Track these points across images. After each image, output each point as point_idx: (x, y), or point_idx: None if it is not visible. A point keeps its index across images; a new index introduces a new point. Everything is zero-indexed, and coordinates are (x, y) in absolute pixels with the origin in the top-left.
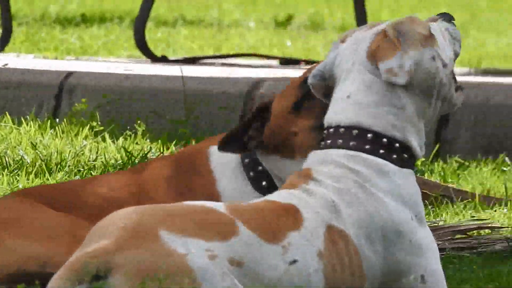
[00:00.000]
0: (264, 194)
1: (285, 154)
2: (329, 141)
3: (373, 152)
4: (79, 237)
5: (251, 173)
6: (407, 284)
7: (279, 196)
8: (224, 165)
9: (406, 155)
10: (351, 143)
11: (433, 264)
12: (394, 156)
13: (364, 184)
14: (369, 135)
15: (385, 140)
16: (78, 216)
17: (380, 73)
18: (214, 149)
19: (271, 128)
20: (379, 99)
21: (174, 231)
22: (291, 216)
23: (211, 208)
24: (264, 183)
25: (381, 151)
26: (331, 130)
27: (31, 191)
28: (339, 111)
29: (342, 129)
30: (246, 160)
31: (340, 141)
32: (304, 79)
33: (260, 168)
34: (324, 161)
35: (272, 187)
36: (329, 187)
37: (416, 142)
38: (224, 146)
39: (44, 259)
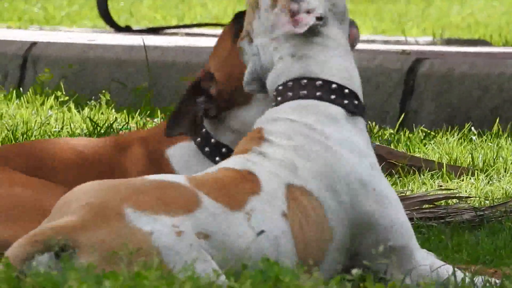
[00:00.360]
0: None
1: (240, 102)
2: (279, 98)
3: (323, 98)
4: (47, 210)
5: (206, 149)
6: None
7: (234, 162)
8: (185, 163)
9: (356, 101)
10: (301, 92)
11: (401, 216)
12: (346, 101)
13: (318, 138)
14: (318, 82)
15: (334, 85)
16: (49, 177)
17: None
18: (172, 151)
19: (221, 83)
20: (315, 46)
21: (139, 208)
22: (249, 182)
23: (173, 182)
24: (224, 149)
25: (332, 96)
26: (280, 87)
27: (4, 152)
28: (283, 70)
29: (290, 83)
30: (198, 140)
31: (290, 93)
32: (232, 22)
33: (212, 140)
34: (275, 119)
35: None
36: (283, 146)
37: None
38: (170, 131)
39: (10, 242)
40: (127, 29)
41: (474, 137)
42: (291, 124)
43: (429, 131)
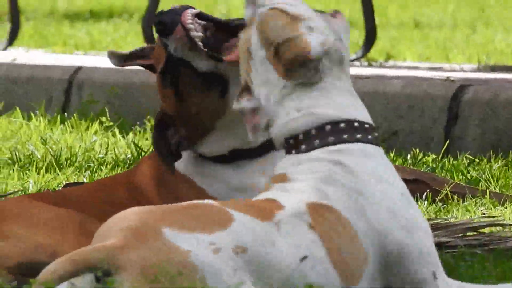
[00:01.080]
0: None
1: (206, 130)
2: (303, 147)
3: (351, 139)
4: (87, 231)
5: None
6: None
7: (256, 197)
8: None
9: (376, 133)
10: (329, 139)
11: (429, 245)
12: (370, 137)
13: (344, 170)
14: (341, 125)
15: (356, 124)
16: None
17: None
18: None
19: (179, 123)
20: (320, 87)
21: (176, 227)
22: (270, 203)
23: (203, 203)
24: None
25: (358, 135)
26: (301, 136)
27: (39, 195)
28: (298, 120)
29: (314, 131)
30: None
31: (317, 141)
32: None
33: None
34: (301, 161)
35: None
36: (307, 179)
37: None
38: (168, 165)
39: (53, 248)
40: None
41: None
42: (321, 162)
43: (473, 158)
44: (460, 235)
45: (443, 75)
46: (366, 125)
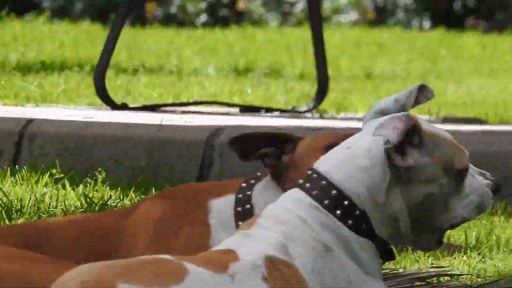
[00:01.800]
0: None
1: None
2: (301, 181)
3: (328, 208)
4: (33, 283)
5: (239, 209)
6: None
7: (219, 245)
8: (222, 219)
9: (364, 225)
10: (314, 192)
11: None
12: (350, 221)
13: (311, 232)
14: (333, 192)
15: (346, 202)
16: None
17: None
18: (215, 203)
19: (292, 159)
20: (369, 164)
21: (133, 283)
22: (227, 254)
23: (160, 258)
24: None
25: (338, 212)
26: (309, 171)
27: (6, 231)
28: (328, 158)
29: (315, 175)
30: (240, 196)
31: (308, 184)
32: (345, 136)
33: (247, 206)
34: (278, 207)
35: None
36: (272, 229)
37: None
38: (234, 144)
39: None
40: (124, 107)
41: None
42: (289, 214)
43: None
44: (408, 285)
45: None
46: (356, 212)
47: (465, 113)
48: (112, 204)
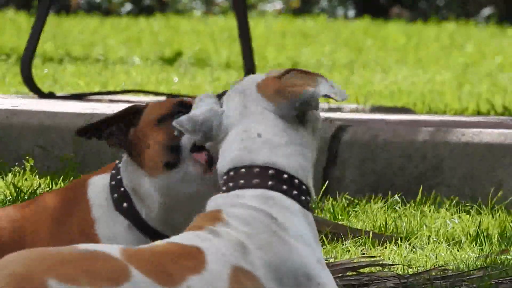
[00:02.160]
0: (125, 216)
1: (140, 165)
2: (242, 181)
3: (287, 193)
4: None
5: (115, 195)
6: None
7: (183, 238)
8: (99, 193)
9: (309, 198)
10: (269, 183)
11: None
12: (303, 198)
13: (276, 228)
14: (284, 176)
15: (297, 181)
16: None
17: (283, 111)
18: (94, 180)
19: (136, 133)
20: (288, 138)
21: (63, 280)
22: (193, 259)
23: (103, 253)
24: (125, 204)
25: (295, 192)
26: (243, 170)
27: None
28: (251, 150)
29: (257, 169)
30: (113, 183)
31: (257, 180)
32: (180, 102)
33: (122, 189)
34: (236, 203)
35: (132, 210)
36: (239, 229)
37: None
38: (81, 133)
39: None
40: (51, 96)
41: (396, 206)
42: (253, 211)
43: (352, 199)
44: (339, 275)
45: (322, 116)
46: (303, 187)
47: (392, 102)
48: (42, 192)
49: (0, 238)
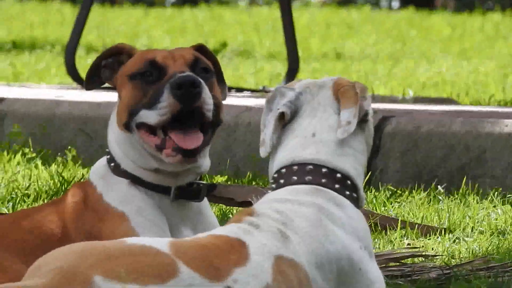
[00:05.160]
0: (120, 175)
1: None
2: (294, 177)
3: (340, 192)
4: (3, 266)
5: (111, 164)
6: None
7: (226, 230)
8: (97, 169)
9: (356, 195)
10: (322, 180)
11: None
12: (354, 196)
13: (321, 217)
14: (338, 175)
15: (349, 182)
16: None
17: (347, 116)
18: (96, 164)
19: (118, 77)
20: (344, 140)
21: (109, 276)
22: (236, 252)
23: (151, 248)
24: (112, 164)
25: (347, 192)
26: (295, 167)
27: None
28: (306, 148)
29: (310, 166)
30: (108, 156)
31: (309, 177)
32: (151, 61)
33: (112, 164)
34: (285, 198)
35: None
36: (278, 219)
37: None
38: (88, 85)
39: None
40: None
41: (440, 197)
42: (302, 205)
43: (395, 189)
44: (383, 265)
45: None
46: (352, 186)
47: (436, 93)
48: None
49: (50, 236)
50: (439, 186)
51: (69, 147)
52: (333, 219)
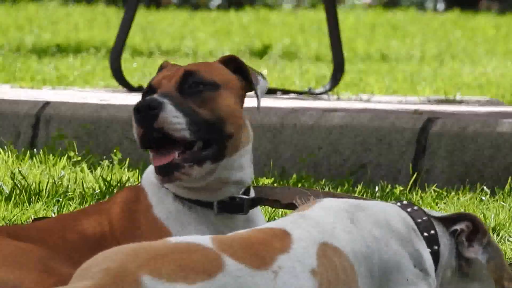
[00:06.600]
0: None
1: None
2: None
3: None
4: (49, 267)
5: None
6: None
7: (272, 223)
8: (148, 178)
9: (436, 251)
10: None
11: None
12: (435, 247)
13: (389, 225)
14: (424, 218)
15: (435, 247)
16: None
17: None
18: (148, 169)
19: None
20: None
21: (157, 275)
22: (280, 240)
23: (195, 245)
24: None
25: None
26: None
27: (3, 229)
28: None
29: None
30: None
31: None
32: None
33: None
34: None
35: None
36: (327, 216)
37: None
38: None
39: (14, 284)
40: (140, 89)
41: (484, 197)
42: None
43: (441, 191)
44: None
45: (411, 108)
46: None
47: (481, 94)
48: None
49: (98, 239)
50: (484, 186)
51: (114, 150)
52: (398, 235)
